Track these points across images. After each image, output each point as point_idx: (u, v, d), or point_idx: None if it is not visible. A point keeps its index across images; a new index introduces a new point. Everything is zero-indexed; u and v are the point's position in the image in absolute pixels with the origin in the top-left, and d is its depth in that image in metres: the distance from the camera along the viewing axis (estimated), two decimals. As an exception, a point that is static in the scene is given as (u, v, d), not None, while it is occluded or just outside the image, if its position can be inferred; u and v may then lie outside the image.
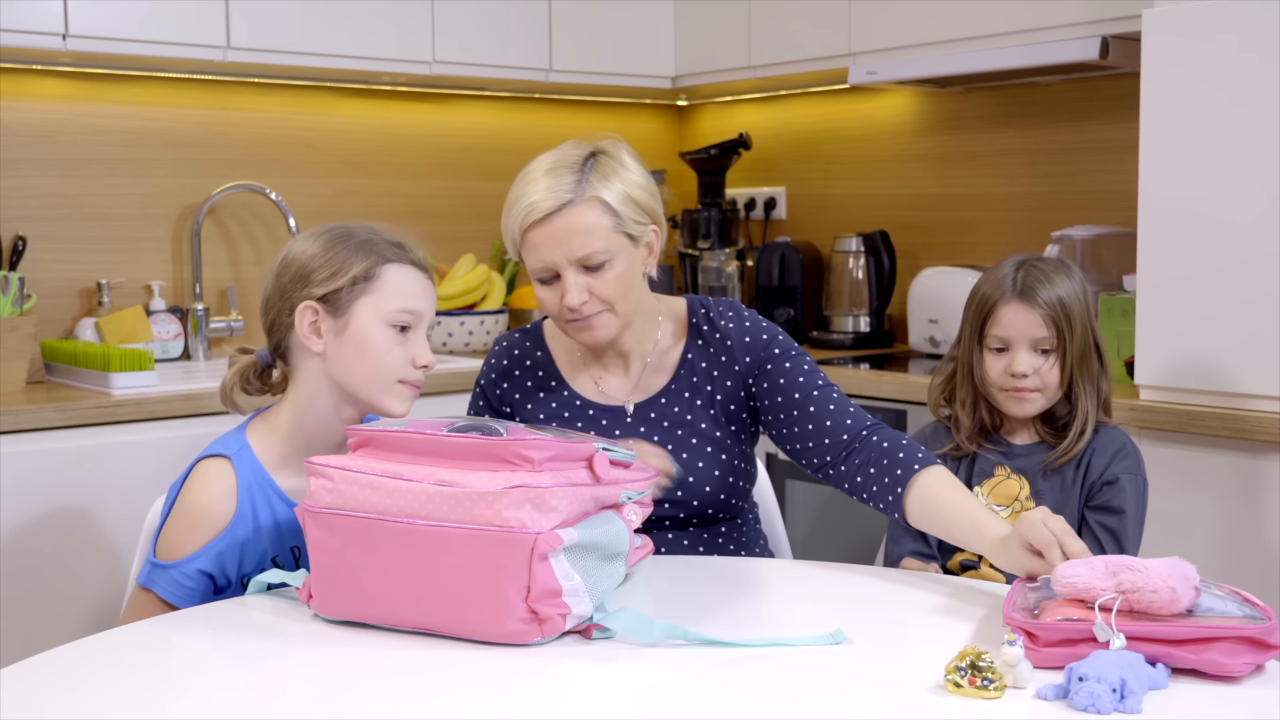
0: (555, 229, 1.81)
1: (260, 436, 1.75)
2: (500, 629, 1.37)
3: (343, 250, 1.72)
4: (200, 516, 1.69)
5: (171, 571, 1.68)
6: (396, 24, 3.28)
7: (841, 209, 3.79)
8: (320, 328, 1.71)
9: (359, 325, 1.70)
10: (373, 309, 1.71)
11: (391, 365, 1.71)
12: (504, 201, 1.90)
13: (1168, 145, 2.41)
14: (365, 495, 1.41)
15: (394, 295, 1.71)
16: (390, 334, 1.71)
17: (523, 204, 1.83)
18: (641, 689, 1.30)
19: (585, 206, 1.81)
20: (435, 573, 1.38)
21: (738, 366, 1.92)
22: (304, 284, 1.71)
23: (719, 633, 1.41)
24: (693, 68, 3.73)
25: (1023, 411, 1.95)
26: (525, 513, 1.35)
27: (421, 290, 1.75)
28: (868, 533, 2.89)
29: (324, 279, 1.70)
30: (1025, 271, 1.94)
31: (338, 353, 1.71)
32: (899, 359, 3.30)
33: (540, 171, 1.85)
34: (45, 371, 2.93)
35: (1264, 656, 1.28)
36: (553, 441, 1.41)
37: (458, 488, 1.37)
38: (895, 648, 1.41)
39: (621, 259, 1.83)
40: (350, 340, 1.71)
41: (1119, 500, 1.91)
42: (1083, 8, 2.82)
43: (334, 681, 1.32)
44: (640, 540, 1.59)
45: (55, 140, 3.13)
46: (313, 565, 1.45)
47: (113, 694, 1.29)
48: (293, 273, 1.73)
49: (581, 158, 1.86)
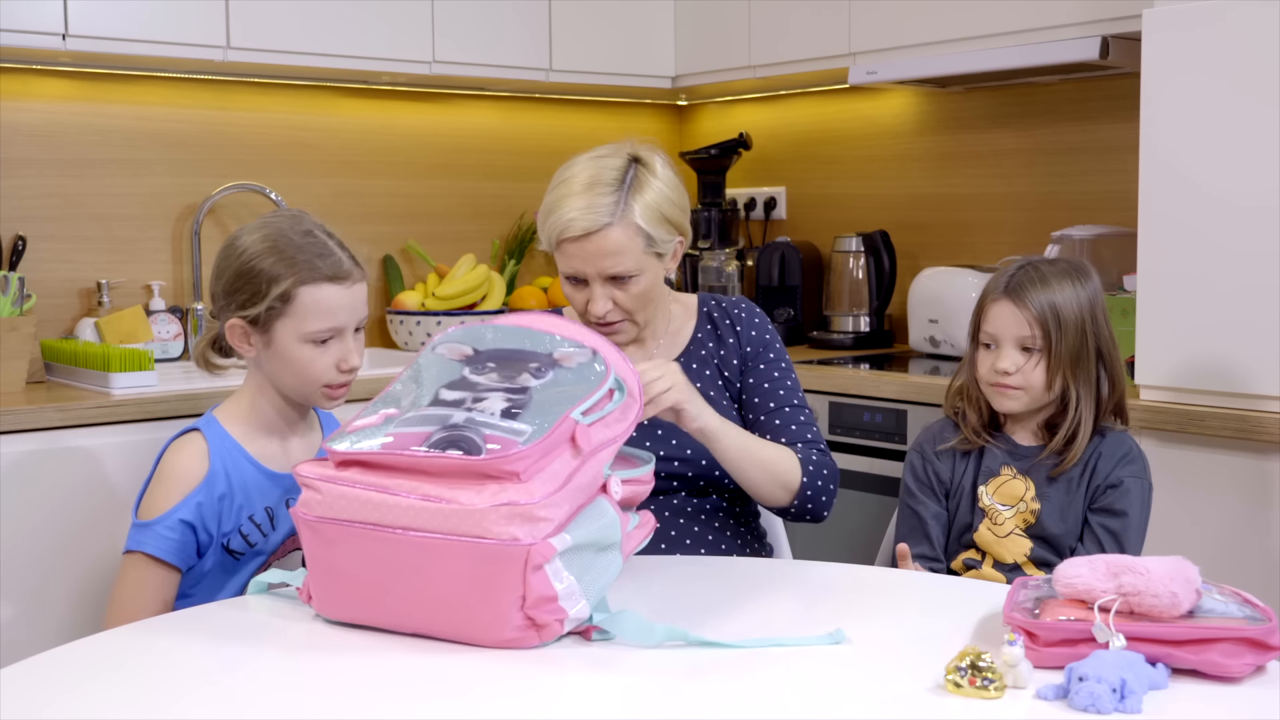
0: (590, 248, 1.88)
1: (225, 415, 1.87)
2: (498, 637, 1.36)
3: (265, 266, 1.80)
4: (174, 478, 1.79)
5: (155, 527, 1.77)
6: (396, 24, 3.28)
7: (841, 209, 3.79)
8: (250, 340, 1.83)
9: (280, 344, 1.81)
10: (292, 330, 1.81)
11: (316, 374, 1.82)
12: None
13: (1168, 145, 2.41)
14: (354, 508, 1.39)
15: (310, 317, 1.80)
16: (309, 349, 1.81)
17: (559, 218, 1.88)
18: (641, 690, 1.29)
19: (620, 229, 1.88)
20: (429, 582, 1.36)
21: (742, 350, 2.05)
22: (231, 297, 1.83)
23: (719, 633, 1.41)
24: (693, 68, 3.73)
25: (1004, 407, 1.97)
26: (515, 526, 1.33)
27: (341, 304, 1.82)
28: (868, 533, 2.89)
29: (244, 300, 1.81)
30: (1023, 272, 1.95)
31: (268, 362, 1.85)
32: (899, 359, 3.30)
33: (580, 184, 1.90)
34: (45, 371, 2.93)
35: (1264, 657, 1.28)
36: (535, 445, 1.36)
37: (444, 503, 1.35)
38: (895, 648, 1.41)
39: (648, 274, 1.93)
40: (275, 354, 1.82)
41: (1122, 503, 1.92)
42: (1083, 8, 2.82)
43: (332, 683, 1.32)
44: (639, 518, 1.57)
45: (55, 140, 3.13)
46: (309, 570, 1.45)
47: (113, 694, 1.29)
48: (224, 281, 1.84)
49: (621, 171, 1.90)
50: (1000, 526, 1.95)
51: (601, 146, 1.97)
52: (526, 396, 1.43)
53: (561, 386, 1.45)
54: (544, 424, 1.38)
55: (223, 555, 1.82)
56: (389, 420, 1.45)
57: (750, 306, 2.10)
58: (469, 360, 1.51)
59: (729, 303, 2.10)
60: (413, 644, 1.39)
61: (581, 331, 1.56)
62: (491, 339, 1.54)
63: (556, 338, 1.53)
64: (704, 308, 2.10)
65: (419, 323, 3.41)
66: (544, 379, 1.47)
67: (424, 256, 3.63)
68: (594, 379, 1.47)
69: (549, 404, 1.42)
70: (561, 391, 1.44)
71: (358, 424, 1.46)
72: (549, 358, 1.50)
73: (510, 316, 1.61)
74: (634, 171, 1.91)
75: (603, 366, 1.48)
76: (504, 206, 3.79)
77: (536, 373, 1.47)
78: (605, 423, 1.46)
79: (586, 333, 1.56)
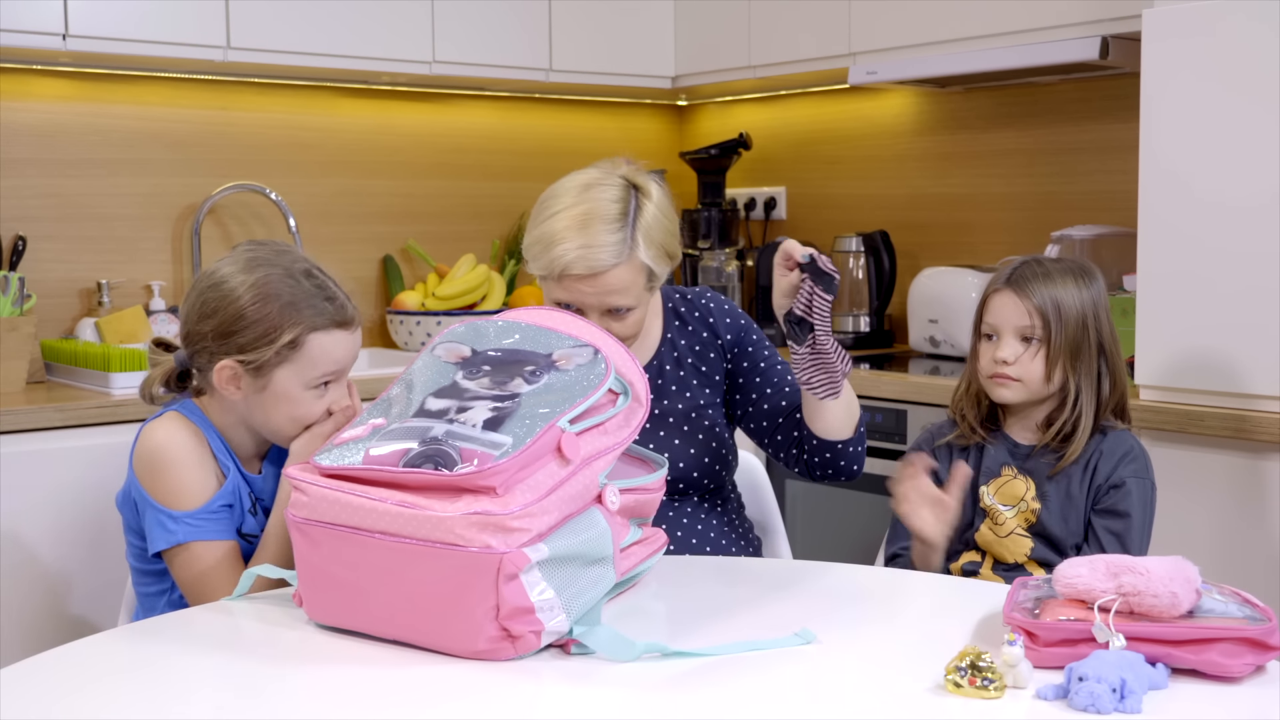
0: (596, 286, 1.85)
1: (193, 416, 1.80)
2: (471, 647, 1.34)
3: (271, 313, 1.70)
4: (172, 449, 1.73)
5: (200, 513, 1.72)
6: (396, 24, 3.28)
7: (841, 209, 3.79)
8: (239, 383, 1.73)
9: (279, 388, 1.73)
10: (295, 376, 1.73)
11: (308, 416, 1.75)
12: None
13: (1168, 145, 2.41)
14: (335, 510, 1.38)
15: (318, 363, 1.73)
16: (309, 394, 1.74)
17: (561, 254, 1.83)
18: (622, 701, 1.28)
19: (627, 268, 1.85)
20: (406, 588, 1.35)
21: (720, 341, 2.04)
22: (225, 339, 1.72)
23: (715, 636, 1.40)
24: (693, 68, 3.73)
25: (1001, 398, 1.98)
26: (489, 535, 1.30)
27: (347, 350, 1.77)
28: (868, 533, 2.89)
29: (247, 343, 1.71)
30: (1026, 266, 1.97)
31: (256, 404, 1.75)
32: (899, 359, 3.30)
33: (578, 216, 1.83)
34: (45, 371, 2.93)
35: (1264, 657, 1.28)
36: (512, 459, 1.33)
37: (419, 509, 1.32)
38: (895, 648, 1.41)
39: (643, 305, 1.91)
40: (269, 397, 1.74)
41: (1125, 504, 1.92)
42: (1083, 8, 2.82)
43: (308, 691, 1.31)
44: (643, 533, 1.54)
45: (55, 140, 3.13)
46: (299, 572, 1.44)
47: (113, 694, 1.29)
48: (216, 322, 1.72)
49: (622, 204, 1.85)
50: (1001, 526, 1.95)
51: (589, 169, 1.91)
52: (514, 404, 1.39)
53: (554, 392, 1.41)
54: (526, 434, 1.34)
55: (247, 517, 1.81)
56: (375, 431, 1.42)
57: (715, 295, 2.08)
58: (464, 363, 1.47)
59: (694, 294, 2.07)
60: (394, 652, 1.38)
61: (589, 329, 1.52)
62: (494, 337, 1.51)
63: (561, 336, 1.49)
64: (669, 303, 2.07)
65: (419, 323, 3.41)
66: (537, 384, 1.42)
67: (424, 256, 3.63)
68: (590, 383, 1.43)
69: (536, 412, 1.38)
70: (553, 398, 1.40)
71: (345, 436, 1.44)
72: (547, 360, 1.46)
73: (517, 312, 1.56)
74: (635, 203, 1.86)
75: (602, 368, 1.44)
76: (504, 206, 3.79)
77: (530, 377, 1.43)
78: (603, 429, 1.43)
79: (595, 331, 1.52)
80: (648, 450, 1.66)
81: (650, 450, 1.72)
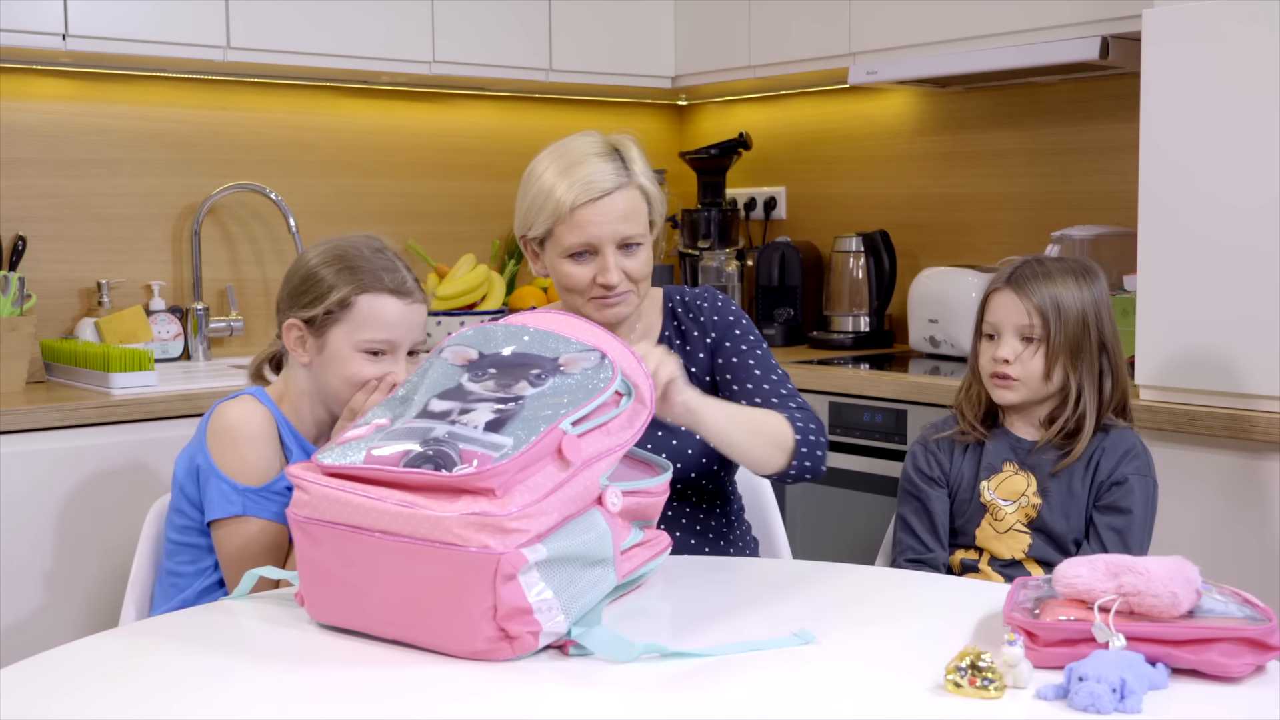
0: (610, 209, 1.89)
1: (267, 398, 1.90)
2: (468, 647, 1.34)
3: (329, 274, 1.85)
4: (247, 426, 1.82)
5: (264, 492, 1.80)
6: (396, 24, 3.28)
7: (841, 209, 3.79)
8: (305, 343, 1.85)
9: (333, 349, 1.84)
10: (345, 337, 1.84)
11: (357, 376, 1.84)
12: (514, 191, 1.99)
13: (1168, 145, 2.41)
14: (336, 509, 1.38)
15: (366, 325, 1.83)
16: (360, 359, 1.84)
17: (569, 189, 1.89)
18: (621, 702, 1.28)
19: (633, 191, 1.92)
20: (405, 588, 1.35)
21: (708, 340, 2.04)
22: (294, 300, 1.87)
23: (713, 637, 1.40)
24: (693, 68, 3.73)
25: (1002, 399, 1.98)
26: (487, 535, 1.30)
27: (398, 318, 1.86)
28: (868, 533, 2.89)
29: (307, 302, 1.85)
30: (1027, 265, 1.99)
31: (319, 366, 1.87)
32: (899, 359, 3.30)
33: (564, 164, 1.92)
34: (45, 371, 2.93)
35: (1264, 657, 1.28)
36: (512, 460, 1.33)
37: (418, 509, 1.33)
38: (895, 648, 1.41)
39: (648, 243, 1.96)
40: (327, 360, 1.85)
41: (1126, 501, 1.92)
42: (1083, 8, 2.82)
43: (306, 691, 1.32)
44: (645, 535, 1.54)
45: (55, 140, 3.13)
46: (300, 571, 1.44)
47: (113, 694, 1.29)
48: (290, 286, 1.88)
49: (605, 145, 1.95)
50: (1001, 522, 1.95)
51: (560, 141, 1.97)
52: (517, 406, 1.40)
53: (558, 395, 1.41)
54: (527, 436, 1.35)
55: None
56: (378, 431, 1.43)
57: (713, 294, 2.08)
58: (471, 366, 1.48)
59: (691, 295, 2.07)
60: (394, 652, 1.38)
61: (596, 333, 1.52)
62: (501, 340, 1.51)
63: (569, 340, 1.50)
64: (669, 304, 2.08)
65: (419, 323, 3.41)
66: (541, 387, 1.43)
67: (424, 256, 3.63)
68: (596, 386, 1.43)
69: (539, 414, 1.38)
70: (556, 401, 1.41)
71: (349, 435, 1.45)
72: (553, 363, 1.46)
73: (525, 316, 1.57)
74: (614, 141, 1.96)
75: (608, 372, 1.45)
76: (504, 206, 3.78)
77: (535, 380, 1.44)
78: (606, 430, 1.43)
79: (601, 335, 1.52)
80: (652, 455, 1.66)
81: (652, 453, 1.72)
